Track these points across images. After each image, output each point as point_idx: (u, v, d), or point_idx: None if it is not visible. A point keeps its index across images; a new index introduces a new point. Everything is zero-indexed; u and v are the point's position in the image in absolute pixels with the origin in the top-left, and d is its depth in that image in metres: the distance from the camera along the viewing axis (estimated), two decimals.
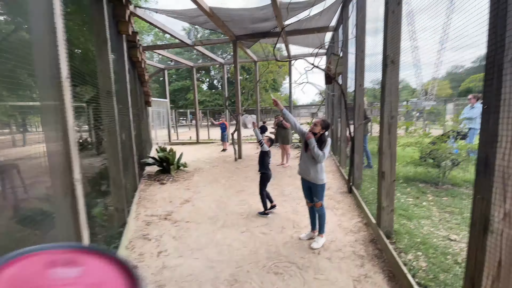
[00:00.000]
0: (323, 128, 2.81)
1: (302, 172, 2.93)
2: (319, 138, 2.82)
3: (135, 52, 5.31)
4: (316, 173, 2.80)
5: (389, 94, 2.66)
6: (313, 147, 2.73)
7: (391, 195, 2.80)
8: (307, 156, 2.86)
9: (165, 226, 3.51)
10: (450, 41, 2.45)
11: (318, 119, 2.86)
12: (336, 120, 7.39)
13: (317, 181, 2.81)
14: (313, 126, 2.83)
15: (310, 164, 2.82)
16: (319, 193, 2.85)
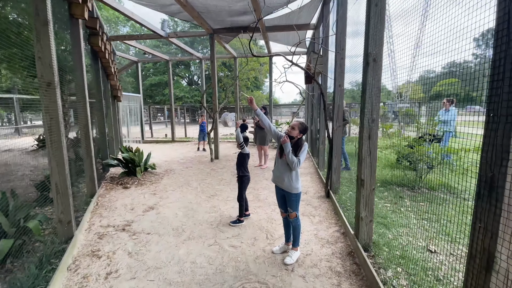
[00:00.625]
0: (300, 132, 2.53)
1: (276, 180, 2.64)
2: (295, 142, 2.54)
3: (95, 40, 4.74)
4: (290, 181, 2.52)
5: (370, 95, 2.43)
6: (288, 153, 2.44)
7: (370, 205, 2.59)
8: (281, 162, 2.57)
9: (121, 239, 3.08)
10: (424, 47, 2.30)
11: (296, 122, 2.57)
12: (316, 120, 7.22)
13: (291, 190, 2.53)
14: (291, 130, 2.54)
15: (285, 170, 2.53)
16: (294, 203, 2.57)
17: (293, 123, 2.57)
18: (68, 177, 2.89)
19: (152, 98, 26.22)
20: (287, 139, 2.47)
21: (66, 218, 2.88)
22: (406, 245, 2.78)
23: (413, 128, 6.18)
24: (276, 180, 2.64)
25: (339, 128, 4.10)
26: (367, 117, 2.45)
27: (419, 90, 3.15)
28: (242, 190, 3.48)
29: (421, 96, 3.43)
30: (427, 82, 2.66)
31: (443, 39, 1.82)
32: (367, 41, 2.40)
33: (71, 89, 4.20)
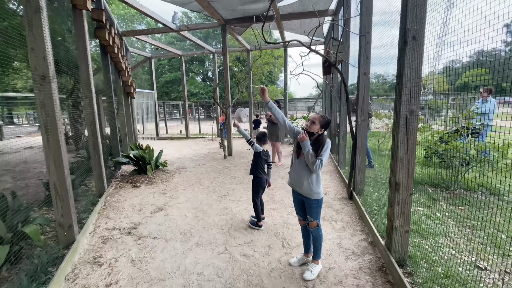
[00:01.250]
0: (322, 127, 2.15)
1: (293, 183, 2.29)
2: (315, 139, 2.16)
3: (102, 33, 4.55)
4: (310, 185, 2.15)
5: (408, 81, 1.99)
6: (308, 152, 2.07)
7: (406, 213, 2.17)
8: (299, 162, 2.20)
9: (126, 244, 2.86)
10: (450, 35, 1.90)
11: (316, 115, 2.18)
12: (335, 114, 6.73)
13: (311, 195, 2.17)
14: (310, 124, 2.16)
15: (303, 173, 2.17)
16: (315, 210, 2.20)
17: (313, 116, 2.19)
18: (69, 178, 2.69)
19: (167, 95, 26.44)
20: (305, 136, 2.10)
21: (67, 222, 2.69)
22: (449, 260, 2.35)
23: (440, 122, 5.58)
24: (293, 183, 2.28)
25: (364, 122, 3.66)
26: (404, 108, 2.03)
27: (444, 81, 2.73)
28: (253, 194, 3.16)
29: (446, 88, 3.01)
30: (452, 73, 2.28)
31: (469, 24, 1.62)
32: (405, 13, 1.97)
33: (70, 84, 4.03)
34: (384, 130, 7.83)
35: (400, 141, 2.09)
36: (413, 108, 2.01)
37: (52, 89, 2.45)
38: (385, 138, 7.54)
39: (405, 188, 2.13)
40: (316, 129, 2.14)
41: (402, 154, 2.09)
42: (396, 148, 2.12)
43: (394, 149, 2.18)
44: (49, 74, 2.41)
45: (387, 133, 7.63)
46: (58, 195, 2.61)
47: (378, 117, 7.67)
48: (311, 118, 2.19)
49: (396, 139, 2.12)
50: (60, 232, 2.67)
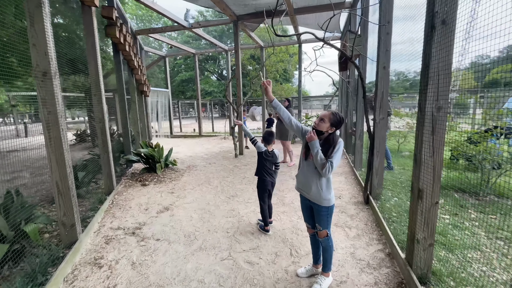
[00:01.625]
0: (332, 126, 1.92)
1: (301, 187, 2.08)
2: (326, 139, 1.95)
3: (112, 30, 4.53)
4: (319, 190, 1.94)
5: (436, 73, 1.73)
6: (316, 153, 1.86)
7: (431, 224, 1.91)
8: (307, 164, 2.00)
9: (128, 245, 2.78)
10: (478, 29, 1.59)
11: (326, 112, 1.96)
12: (351, 112, 6.40)
13: (320, 202, 1.95)
14: (319, 122, 1.94)
15: (312, 176, 1.96)
16: (324, 218, 1.99)
17: (322, 113, 1.96)
18: (71, 176, 2.64)
19: (183, 94, 26.78)
20: (314, 135, 1.89)
21: (69, 221, 2.64)
22: (480, 278, 2.05)
23: (467, 120, 5.12)
24: (301, 187, 2.08)
25: (383, 120, 3.37)
26: (431, 104, 1.76)
27: (471, 77, 2.42)
28: (258, 196, 2.99)
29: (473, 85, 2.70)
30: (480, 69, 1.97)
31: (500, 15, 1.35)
32: None
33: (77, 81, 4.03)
34: (405, 129, 7.37)
35: (424, 142, 1.83)
36: (441, 104, 1.75)
37: (54, 86, 2.39)
38: (406, 138, 7.10)
39: (430, 196, 1.87)
40: (326, 127, 1.92)
41: (426, 157, 1.83)
42: (420, 150, 1.86)
43: (417, 151, 1.92)
44: (50, 70, 2.36)
45: (408, 133, 7.17)
46: (60, 193, 2.56)
47: (399, 116, 7.23)
48: (320, 115, 1.97)
49: (420, 139, 1.86)
50: (62, 231, 2.63)
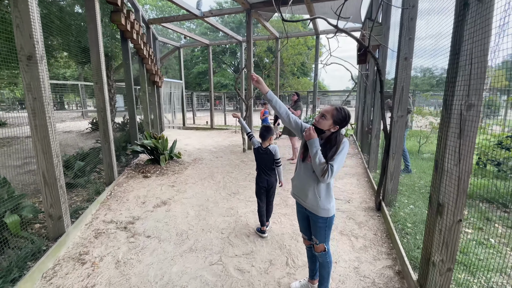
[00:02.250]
0: (336, 123, 1.63)
1: (296, 193, 1.81)
2: (327, 138, 1.66)
3: (117, 17, 4.39)
4: (316, 198, 1.66)
5: (467, 61, 1.38)
6: (315, 154, 1.57)
7: (451, 246, 1.58)
8: (304, 167, 1.72)
9: (117, 241, 2.65)
10: None
11: (329, 107, 1.65)
12: (369, 109, 5.95)
13: (318, 211, 1.68)
14: (319, 119, 1.65)
15: (308, 181, 1.68)
16: (321, 231, 1.72)
17: (324, 108, 1.66)
18: (59, 166, 2.53)
19: (200, 86, 26.85)
20: (313, 133, 1.60)
21: (56, 213, 2.54)
22: None
23: (498, 122, 4.56)
24: (296, 193, 1.80)
25: (401, 119, 2.99)
26: (459, 100, 1.42)
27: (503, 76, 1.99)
28: (255, 194, 2.79)
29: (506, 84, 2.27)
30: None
31: None
32: None
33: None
34: (427, 129, 6.80)
35: (449, 146, 1.49)
36: (473, 101, 1.40)
37: (40, 71, 2.25)
38: (428, 138, 6.54)
39: (452, 212, 1.54)
40: (328, 125, 1.63)
41: (450, 165, 1.50)
42: (443, 156, 1.53)
43: (439, 157, 1.59)
44: (35, 53, 2.21)
45: (430, 133, 6.60)
46: (47, 184, 2.45)
47: (421, 115, 6.66)
48: (322, 110, 1.67)
49: (443, 143, 1.53)
50: (49, 223, 2.54)
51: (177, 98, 11.38)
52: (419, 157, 5.89)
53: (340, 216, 3.15)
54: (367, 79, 5.56)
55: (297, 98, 5.75)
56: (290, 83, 21.69)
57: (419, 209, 3.16)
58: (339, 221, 3.03)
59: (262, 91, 1.77)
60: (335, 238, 2.67)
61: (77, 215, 2.98)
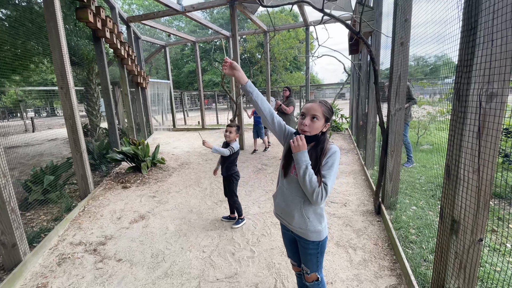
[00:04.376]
0: (327, 120, 1.29)
1: (280, 213, 1.46)
2: (315, 142, 1.32)
3: (84, 14, 3.99)
4: (304, 219, 1.33)
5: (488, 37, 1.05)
6: (305, 172, 1.20)
7: (470, 270, 1.27)
8: (288, 183, 1.37)
9: (83, 268, 2.31)
10: None
11: (314, 104, 1.29)
12: (363, 101, 5.63)
13: (307, 235, 1.35)
14: (311, 122, 1.27)
15: (294, 199, 1.34)
16: (312, 258, 1.39)
17: (308, 107, 1.29)
18: (8, 186, 2.18)
19: (191, 85, 26.36)
20: (303, 142, 1.23)
21: (10, 240, 2.19)
22: None
23: None
24: (280, 214, 1.46)
25: (400, 111, 2.66)
26: (478, 88, 1.09)
27: None
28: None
29: None
30: None
31: None
32: None
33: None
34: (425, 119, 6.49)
35: (465, 149, 1.17)
36: (495, 89, 1.07)
37: None
38: (426, 129, 6.24)
39: (470, 230, 1.22)
40: (320, 126, 1.29)
41: (468, 172, 1.17)
42: (457, 160, 1.20)
43: (451, 162, 1.26)
44: None
45: (429, 123, 6.30)
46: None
47: (417, 104, 6.34)
48: (309, 111, 1.29)
49: (457, 143, 1.20)
50: (2, 252, 2.19)
51: (166, 99, 10.98)
52: (417, 149, 5.60)
53: (336, 223, 2.84)
54: (360, 70, 5.23)
55: (289, 93, 5.41)
56: (283, 78, 21.29)
57: (422, 211, 2.86)
58: (335, 229, 2.72)
59: (240, 81, 1.37)
60: (331, 252, 2.36)
61: (40, 238, 2.64)
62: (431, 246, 2.17)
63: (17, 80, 9.18)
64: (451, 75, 2.37)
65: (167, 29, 8.52)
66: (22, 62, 6.00)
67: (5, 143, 3.53)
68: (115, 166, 5.18)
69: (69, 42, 5.97)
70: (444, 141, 2.01)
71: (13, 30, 5.03)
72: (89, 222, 3.13)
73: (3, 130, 8.55)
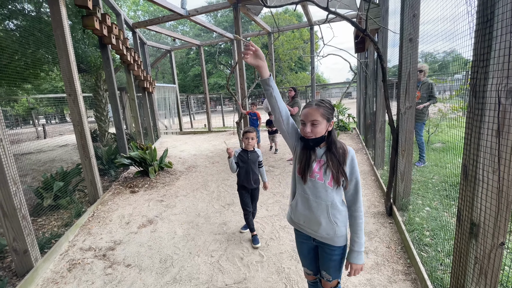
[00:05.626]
0: (328, 119, 1.25)
1: (302, 222, 1.36)
2: (328, 142, 1.29)
3: (90, 21, 4.05)
4: (332, 224, 1.28)
5: (506, 30, 0.99)
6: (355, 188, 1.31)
7: (492, 275, 1.20)
8: (313, 187, 1.28)
9: (92, 274, 2.32)
10: None
11: (310, 109, 1.23)
12: (370, 100, 5.53)
13: (334, 241, 1.31)
14: (312, 128, 1.23)
15: (320, 205, 1.27)
16: (336, 264, 1.36)
17: (306, 112, 1.24)
18: (18, 194, 2.20)
19: (198, 88, 26.55)
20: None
21: (21, 247, 2.22)
22: None
23: None
24: (303, 223, 1.35)
25: (409, 110, 2.58)
26: (497, 84, 1.03)
27: None
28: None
29: None
30: None
31: None
32: None
33: None
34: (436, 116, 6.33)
35: (483, 147, 1.11)
36: None
37: None
38: (438, 126, 6.08)
39: (491, 234, 1.15)
40: (324, 128, 1.24)
41: (487, 173, 1.11)
42: (475, 160, 1.14)
43: (468, 162, 1.20)
44: None
45: (440, 121, 6.14)
46: (6, 216, 2.13)
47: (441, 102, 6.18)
48: (305, 117, 1.24)
49: (474, 143, 1.14)
50: (15, 259, 2.22)
51: (173, 103, 11.07)
52: (429, 148, 5.46)
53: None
54: (367, 68, 5.14)
55: (294, 93, 5.37)
56: (288, 78, 21.22)
57: (437, 212, 2.77)
58: None
59: (262, 73, 1.26)
60: None
61: (51, 244, 2.66)
62: (447, 249, 2.09)
63: (29, 88, 9.43)
64: (461, 71, 2.29)
65: (172, 33, 8.60)
66: (32, 71, 6.15)
67: (19, 150, 3.61)
68: (124, 171, 5.23)
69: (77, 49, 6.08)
70: (457, 138, 1.94)
71: (23, 40, 5.16)
72: (98, 227, 3.15)
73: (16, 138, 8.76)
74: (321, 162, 1.27)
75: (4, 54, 4.25)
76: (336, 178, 1.23)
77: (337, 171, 1.23)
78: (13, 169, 2.18)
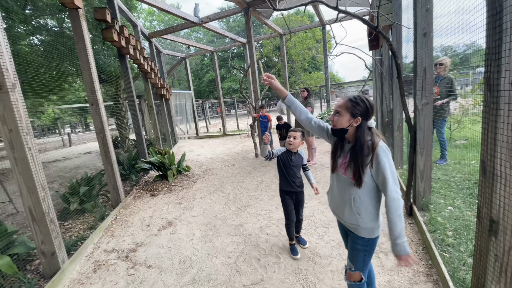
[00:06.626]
0: (355, 115, 1.30)
1: (333, 208, 1.55)
2: (355, 138, 1.33)
3: (109, 33, 4.27)
4: (354, 214, 1.37)
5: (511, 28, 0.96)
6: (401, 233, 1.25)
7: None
8: (336, 179, 1.45)
9: (116, 275, 2.43)
10: None
11: (341, 100, 1.35)
12: (387, 98, 5.40)
13: (357, 231, 1.39)
14: (334, 117, 1.36)
15: (343, 196, 1.40)
16: (359, 254, 1.41)
17: (337, 104, 1.36)
18: (47, 199, 2.36)
19: (212, 93, 27.01)
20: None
21: (49, 249, 2.37)
22: None
23: None
24: (333, 209, 1.55)
25: (427, 106, 2.51)
26: (508, 77, 1.00)
27: None
28: None
29: None
30: None
31: None
32: None
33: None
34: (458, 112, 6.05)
35: (500, 141, 1.07)
36: None
37: (12, 100, 2.09)
38: (460, 122, 5.81)
39: (510, 230, 1.11)
40: (346, 121, 1.31)
41: (505, 168, 1.07)
42: (492, 155, 1.10)
43: (486, 158, 1.16)
44: (5, 82, 2.06)
45: (461, 117, 5.87)
46: (35, 220, 2.29)
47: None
48: (335, 107, 1.37)
49: (491, 137, 1.11)
50: (43, 261, 2.37)
51: (189, 108, 11.35)
52: (451, 145, 5.23)
53: None
54: (381, 65, 5.03)
55: (307, 94, 5.35)
56: (302, 79, 21.09)
57: (460, 211, 2.65)
58: None
59: (280, 95, 1.52)
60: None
61: (77, 246, 2.82)
62: (470, 249, 2.00)
63: (54, 99, 10.03)
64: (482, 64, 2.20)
65: (187, 41, 8.84)
66: (57, 83, 6.56)
67: (46, 158, 3.87)
68: (144, 175, 5.43)
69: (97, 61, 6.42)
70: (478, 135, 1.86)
71: (48, 54, 5.53)
72: (121, 230, 3.29)
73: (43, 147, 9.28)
74: (346, 158, 1.35)
75: (30, 68, 4.58)
76: (357, 177, 1.28)
77: (357, 170, 1.27)
78: (41, 176, 2.34)
